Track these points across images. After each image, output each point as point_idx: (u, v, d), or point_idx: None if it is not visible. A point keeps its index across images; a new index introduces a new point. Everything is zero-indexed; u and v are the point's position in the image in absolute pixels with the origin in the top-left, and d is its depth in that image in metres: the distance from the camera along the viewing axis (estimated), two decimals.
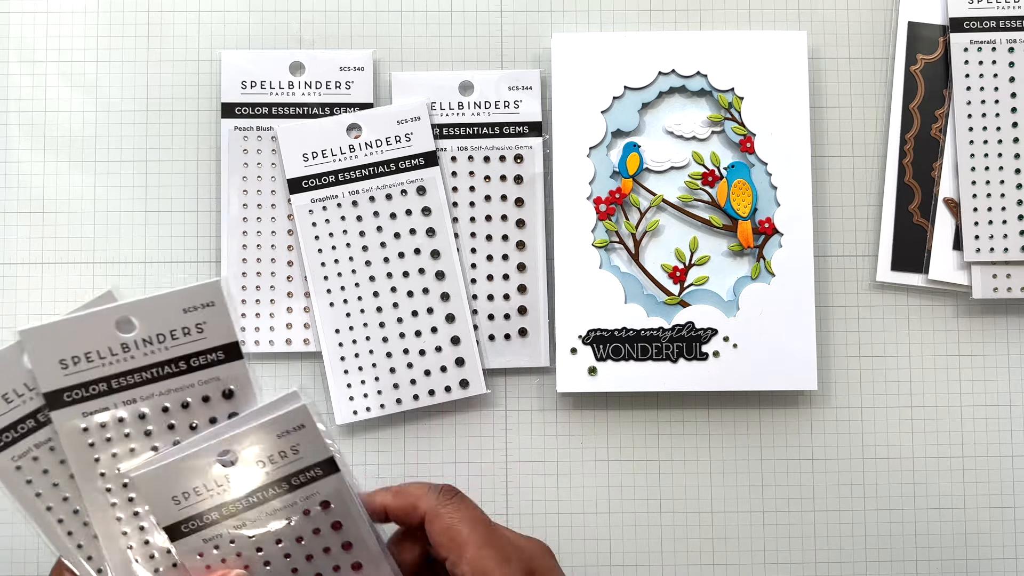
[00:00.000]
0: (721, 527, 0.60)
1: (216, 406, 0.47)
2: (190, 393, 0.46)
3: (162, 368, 0.46)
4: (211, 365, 0.46)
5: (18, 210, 0.61)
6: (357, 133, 0.59)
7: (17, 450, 0.46)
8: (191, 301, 0.45)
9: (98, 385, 0.45)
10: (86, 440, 0.46)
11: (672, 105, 0.61)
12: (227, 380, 0.47)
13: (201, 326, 0.45)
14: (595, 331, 0.59)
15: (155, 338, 0.45)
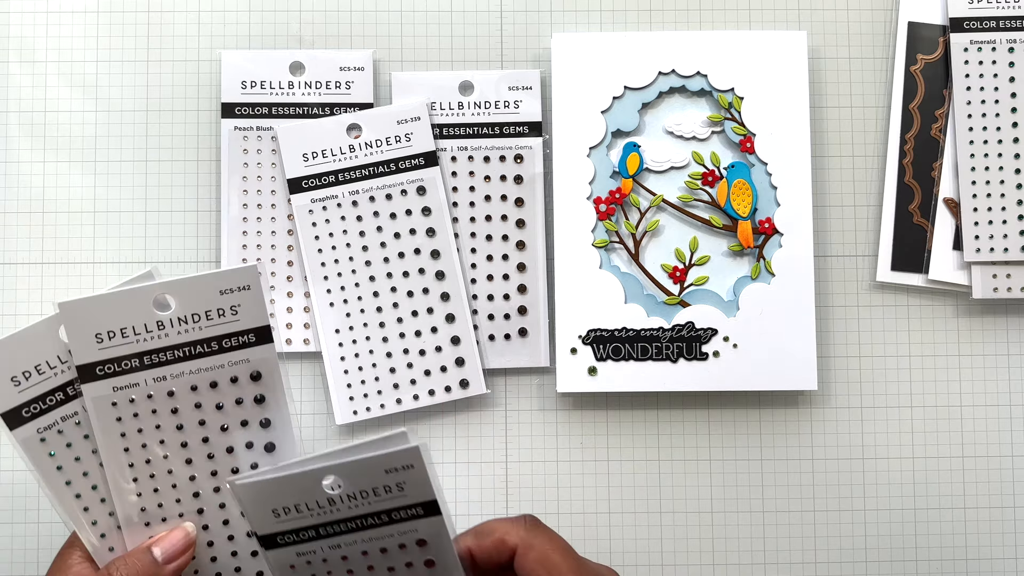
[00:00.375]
0: (721, 527, 0.60)
1: (244, 388, 0.48)
2: (219, 374, 0.47)
3: (194, 347, 0.47)
4: (242, 347, 0.47)
5: (18, 210, 0.61)
6: (357, 133, 0.59)
7: (43, 422, 0.47)
8: (228, 283, 0.46)
9: (130, 361, 0.46)
10: (114, 415, 0.47)
11: (672, 105, 0.61)
12: (256, 363, 0.48)
13: (235, 308, 0.47)
14: (595, 331, 0.59)
15: (190, 318, 0.46)
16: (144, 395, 0.47)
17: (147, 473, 0.48)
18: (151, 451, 0.48)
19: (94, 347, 0.46)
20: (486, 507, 0.60)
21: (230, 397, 0.48)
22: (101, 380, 0.46)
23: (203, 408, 0.48)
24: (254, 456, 0.49)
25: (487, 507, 0.60)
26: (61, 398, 0.47)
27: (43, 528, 0.59)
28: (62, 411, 0.47)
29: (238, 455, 0.49)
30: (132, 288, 0.46)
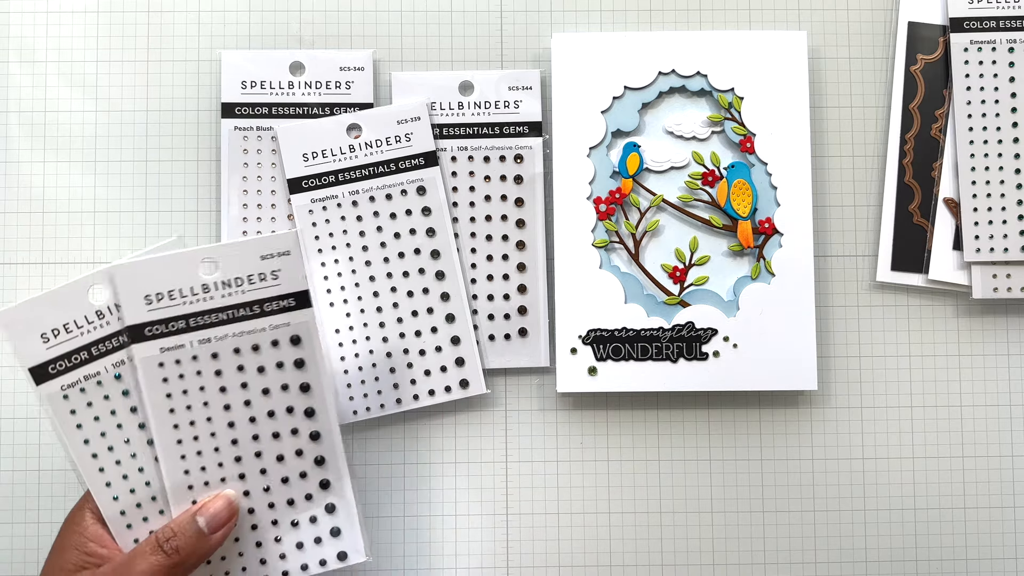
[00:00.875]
0: (721, 527, 0.60)
1: (284, 351, 0.49)
2: (261, 337, 0.49)
3: (237, 311, 0.49)
4: (283, 311, 0.49)
5: (18, 210, 0.61)
6: (357, 133, 0.59)
7: (67, 379, 0.49)
8: (269, 249, 0.48)
9: (177, 322, 0.48)
10: (161, 375, 0.48)
11: (672, 105, 0.61)
12: (296, 327, 0.49)
13: (276, 273, 0.49)
14: (595, 331, 0.59)
15: (233, 282, 0.48)
16: (189, 356, 0.49)
17: (191, 435, 0.49)
18: (196, 413, 0.49)
19: (144, 308, 0.48)
20: (486, 507, 0.60)
21: (271, 360, 0.49)
22: (150, 341, 0.48)
23: (245, 371, 0.49)
24: (294, 422, 0.50)
25: (487, 507, 0.60)
26: (85, 357, 0.49)
27: (43, 528, 0.59)
28: (85, 370, 0.49)
29: (279, 419, 0.50)
30: (180, 252, 0.48)
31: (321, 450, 0.51)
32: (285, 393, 0.50)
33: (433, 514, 0.60)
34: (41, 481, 0.59)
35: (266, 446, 0.50)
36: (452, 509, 0.60)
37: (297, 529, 0.51)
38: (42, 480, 0.59)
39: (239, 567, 0.51)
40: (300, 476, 0.51)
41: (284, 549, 0.51)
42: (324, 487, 0.51)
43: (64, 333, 0.49)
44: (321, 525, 0.51)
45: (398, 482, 0.60)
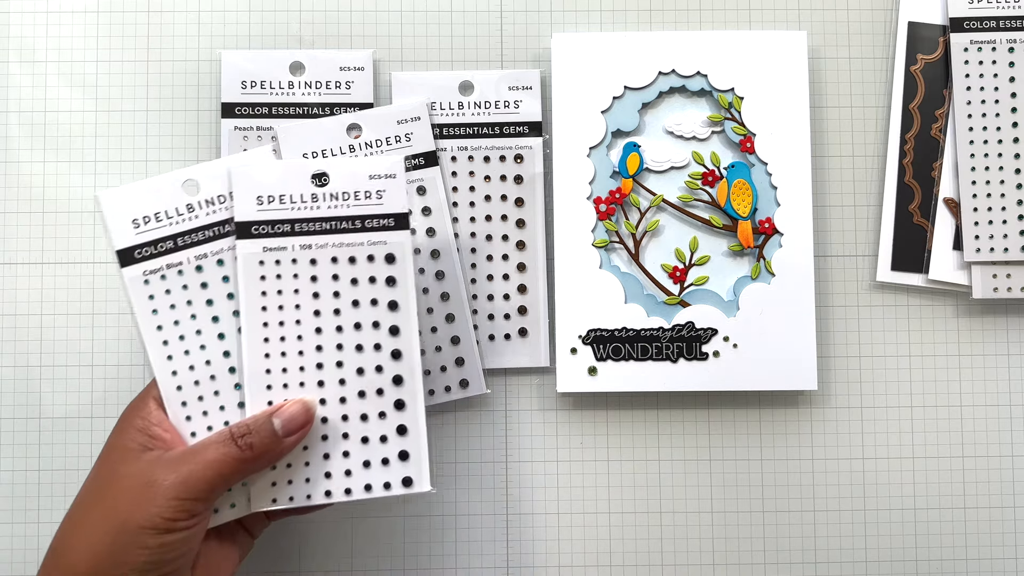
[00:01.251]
0: (721, 527, 0.60)
1: (378, 267, 0.51)
2: (359, 251, 0.51)
3: (340, 223, 0.51)
4: (382, 229, 0.51)
5: (18, 210, 0.61)
6: (357, 133, 0.59)
7: (150, 265, 0.51)
8: (377, 170, 0.51)
9: (283, 225, 0.51)
10: (259, 273, 0.51)
11: (672, 105, 0.61)
12: (392, 246, 0.51)
13: (380, 193, 0.51)
14: (595, 331, 0.58)
15: (341, 195, 0.51)
16: (289, 259, 0.51)
17: (278, 335, 0.51)
18: (286, 314, 0.51)
19: (254, 208, 0.50)
20: (486, 507, 0.60)
21: (365, 274, 0.51)
22: (255, 239, 0.50)
23: (339, 281, 0.51)
24: (378, 337, 0.51)
25: (487, 507, 0.60)
26: (171, 247, 0.51)
27: (43, 528, 0.59)
28: (168, 259, 0.51)
29: (364, 332, 0.51)
30: (295, 162, 0.52)
31: (401, 370, 0.51)
32: (374, 308, 0.51)
33: (433, 514, 0.60)
34: (41, 481, 0.59)
35: (348, 357, 0.51)
36: (452, 509, 0.60)
37: (367, 446, 0.51)
38: (42, 480, 0.59)
39: (303, 476, 0.50)
40: (377, 392, 0.51)
41: (350, 465, 0.51)
42: (399, 407, 0.51)
43: (154, 221, 0.51)
44: (391, 446, 0.51)
45: None
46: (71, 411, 0.60)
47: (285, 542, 0.60)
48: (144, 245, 0.51)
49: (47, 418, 0.60)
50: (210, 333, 0.51)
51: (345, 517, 0.60)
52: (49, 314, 0.60)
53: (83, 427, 0.60)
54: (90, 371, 0.60)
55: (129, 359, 0.60)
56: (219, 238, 0.52)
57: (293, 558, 0.60)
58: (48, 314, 0.60)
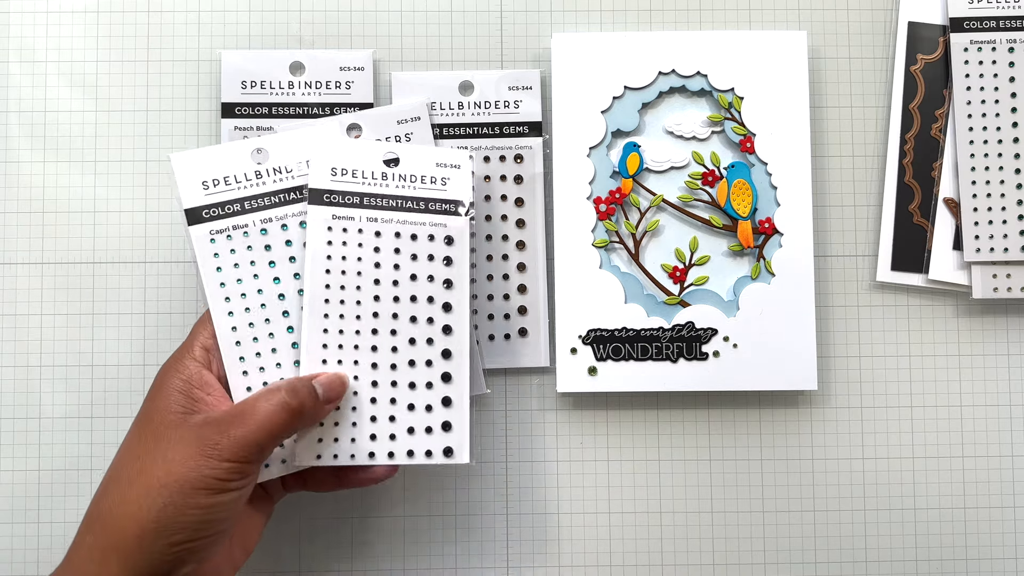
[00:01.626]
0: (721, 527, 0.60)
1: (438, 247, 0.54)
2: (421, 229, 0.54)
3: (406, 202, 0.54)
4: (444, 213, 0.54)
5: (18, 210, 0.60)
6: (357, 133, 0.59)
7: (216, 226, 0.53)
8: (445, 159, 0.55)
9: (353, 197, 0.53)
10: (327, 238, 0.53)
11: (672, 105, 0.60)
12: (452, 229, 0.54)
13: (446, 180, 0.54)
14: (595, 331, 0.58)
15: (409, 177, 0.54)
16: (356, 228, 0.53)
17: (339, 299, 0.53)
18: (348, 279, 0.53)
19: (328, 177, 0.53)
20: (486, 507, 0.60)
21: (425, 252, 0.54)
22: (326, 206, 0.53)
23: (400, 254, 0.53)
24: (432, 311, 0.53)
25: (487, 507, 0.60)
26: (237, 209, 0.53)
27: (43, 528, 0.59)
28: (235, 220, 0.53)
29: (420, 305, 0.53)
30: (370, 141, 0.56)
31: (450, 344, 0.53)
32: (430, 283, 0.53)
33: (433, 514, 0.60)
34: (41, 481, 0.59)
35: (403, 327, 0.53)
36: (452, 509, 0.60)
37: (412, 413, 0.53)
38: (42, 480, 0.59)
39: (349, 436, 0.52)
40: (426, 364, 0.53)
41: (396, 430, 0.53)
42: (446, 380, 0.53)
43: (223, 184, 0.53)
44: (435, 415, 0.53)
45: (397, 482, 0.60)
46: (71, 411, 0.59)
47: (286, 542, 0.60)
48: (212, 206, 0.53)
49: (47, 418, 0.59)
50: (271, 293, 0.53)
51: (345, 517, 0.60)
52: (49, 314, 0.60)
53: (83, 427, 0.59)
54: (90, 371, 0.60)
55: (129, 359, 0.60)
56: (284, 204, 0.54)
57: (293, 558, 0.59)
58: (48, 314, 0.60)
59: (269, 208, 0.54)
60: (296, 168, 0.54)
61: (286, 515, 0.60)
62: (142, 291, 0.60)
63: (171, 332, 0.60)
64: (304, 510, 0.60)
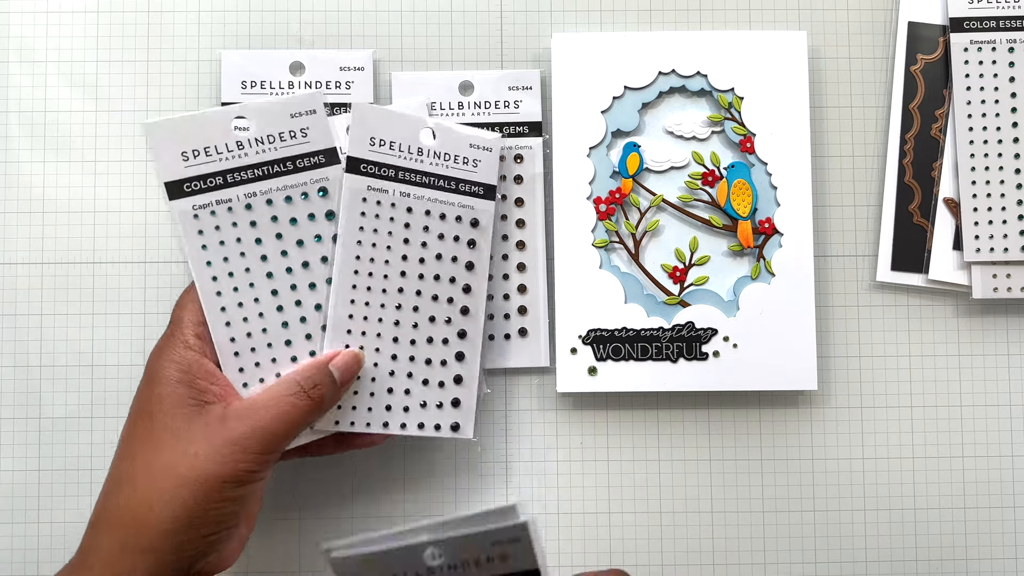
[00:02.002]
0: (721, 527, 0.59)
1: (464, 228, 0.54)
2: (448, 209, 0.54)
3: (437, 180, 0.54)
4: (472, 195, 0.54)
5: (18, 210, 0.60)
6: None
7: (199, 200, 0.51)
8: (478, 141, 0.54)
9: (388, 170, 0.53)
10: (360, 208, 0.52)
11: (672, 105, 0.60)
12: (478, 212, 0.54)
13: (476, 162, 0.54)
14: (595, 331, 0.58)
15: (443, 155, 0.54)
16: (389, 202, 0.53)
17: (367, 271, 0.53)
18: (378, 251, 0.53)
19: (367, 147, 0.53)
20: (486, 507, 0.59)
21: (451, 232, 0.54)
22: (362, 176, 0.53)
23: (429, 232, 0.54)
24: (453, 291, 0.54)
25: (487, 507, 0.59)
26: (220, 183, 0.51)
27: (43, 528, 0.58)
28: (218, 195, 0.51)
29: (442, 284, 0.54)
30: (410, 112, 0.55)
31: (467, 325, 0.55)
32: (454, 264, 0.54)
33: (433, 514, 0.59)
34: (41, 481, 0.59)
35: (424, 304, 0.54)
36: (452, 509, 0.59)
37: (426, 388, 0.54)
38: (42, 480, 0.59)
39: (366, 405, 0.54)
40: (443, 342, 0.54)
41: (410, 403, 0.54)
42: (459, 359, 0.55)
43: (204, 156, 0.51)
44: (447, 392, 0.55)
45: (397, 483, 0.59)
46: (71, 411, 0.59)
47: (284, 542, 0.59)
48: (194, 179, 0.51)
49: (47, 418, 0.59)
50: (259, 273, 0.52)
51: (345, 517, 0.59)
52: (49, 314, 0.59)
53: (83, 427, 0.59)
54: (90, 371, 0.59)
55: (129, 359, 0.59)
56: (268, 177, 0.52)
57: (293, 558, 0.59)
58: (48, 314, 0.59)
59: (253, 181, 0.52)
60: (279, 139, 0.52)
61: (286, 515, 0.59)
62: (142, 291, 0.60)
63: None
64: (304, 510, 0.59)
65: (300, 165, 0.53)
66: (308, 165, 0.53)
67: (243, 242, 0.52)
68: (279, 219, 0.52)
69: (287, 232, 0.53)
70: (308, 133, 0.53)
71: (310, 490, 0.59)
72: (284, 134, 0.53)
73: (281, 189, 0.52)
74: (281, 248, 0.53)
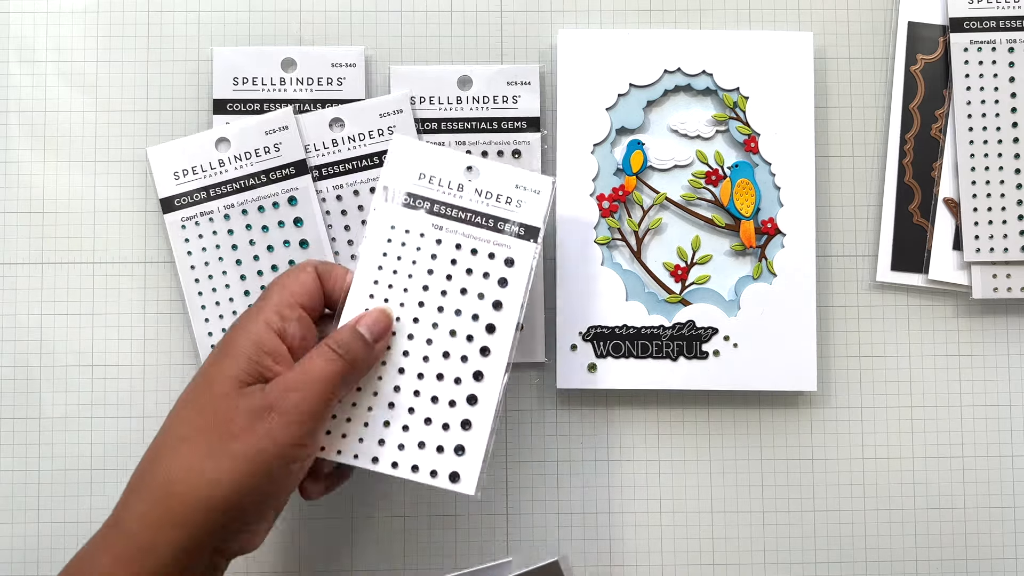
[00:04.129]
0: (721, 527, 0.55)
1: (496, 266, 0.48)
2: (483, 247, 0.48)
3: (475, 216, 0.49)
4: (512, 235, 0.48)
5: (18, 210, 0.56)
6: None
7: (187, 213, 0.54)
8: (524, 182, 0.49)
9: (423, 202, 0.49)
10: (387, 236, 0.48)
11: (677, 103, 0.56)
12: (515, 251, 0.48)
13: (520, 203, 0.49)
14: (596, 328, 0.54)
15: (485, 193, 0.49)
16: (418, 232, 0.49)
17: (383, 296, 0.48)
18: (399, 278, 0.48)
19: (413, 181, 0.48)
20: (486, 507, 0.55)
21: (481, 268, 0.48)
22: (396, 206, 0.49)
23: (457, 265, 0.48)
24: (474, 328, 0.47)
25: (487, 507, 0.55)
26: (204, 197, 0.54)
27: (43, 528, 0.55)
28: (202, 208, 0.54)
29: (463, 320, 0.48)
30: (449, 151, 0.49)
31: (484, 366, 0.47)
32: (480, 301, 0.48)
33: (433, 514, 0.55)
34: (41, 481, 0.55)
35: (439, 337, 0.47)
36: (452, 509, 0.55)
37: (428, 427, 0.47)
38: (42, 480, 0.55)
39: (357, 436, 0.47)
40: (454, 381, 0.47)
41: (406, 440, 0.47)
42: (471, 402, 0.47)
43: (192, 174, 0.54)
44: (450, 436, 0.47)
45: (397, 482, 0.55)
46: (71, 411, 0.55)
47: (285, 543, 0.55)
48: (182, 195, 0.53)
49: (47, 418, 0.55)
50: (234, 276, 0.54)
51: (345, 517, 0.55)
52: (49, 314, 0.55)
53: (83, 427, 0.55)
54: (90, 371, 0.55)
55: (129, 359, 0.55)
56: (245, 190, 0.54)
57: (293, 559, 0.55)
58: (48, 314, 0.55)
59: (231, 195, 0.54)
60: (255, 155, 0.53)
61: (285, 515, 0.55)
62: (142, 291, 0.56)
63: (171, 332, 0.55)
64: (303, 510, 0.55)
65: (273, 177, 0.54)
66: (280, 177, 0.54)
67: (221, 248, 0.54)
68: (252, 227, 0.54)
69: (259, 239, 0.54)
70: (280, 148, 0.54)
71: None
72: (260, 150, 0.54)
73: (255, 200, 0.54)
74: (254, 253, 0.54)
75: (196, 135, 0.54)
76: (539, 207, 0.48)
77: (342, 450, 0.46)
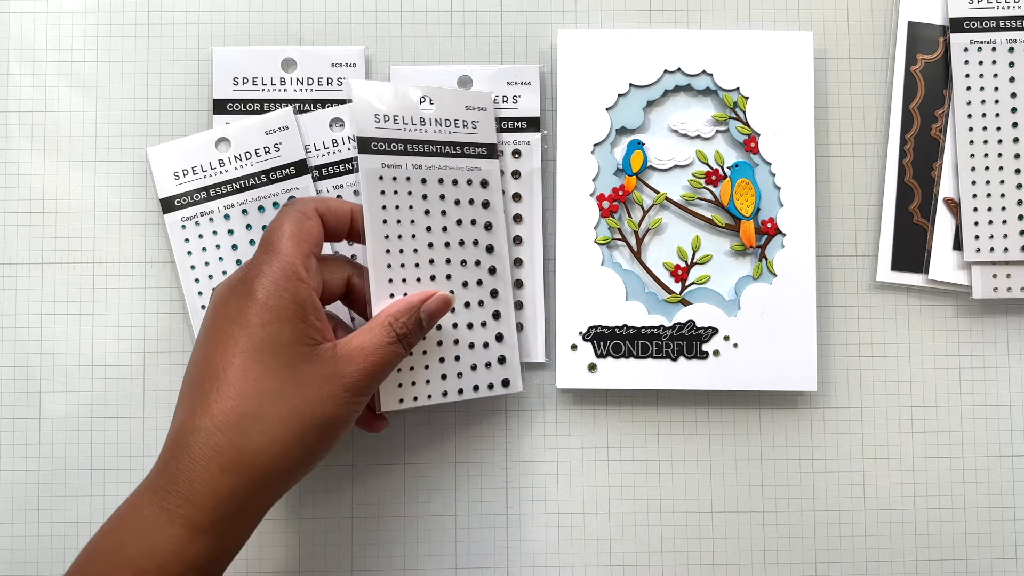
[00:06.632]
0: (721, 527, 0.54)
1: (474, 191, 0.51)
2: (460, 175, 0.51)
3: (444, 147, 0.51)
4: (476, 157, 0.51)
5: (18, 210, 0.55)
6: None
7: (186, 213, 0.53)
8: (472, 102, 0.51)
9: (397, 144, 0.49)
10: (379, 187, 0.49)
11: (677, 103, 0.54)
12: (485, 172, 0.51)
13: (475, 123, 0.51)
14: (596, 328, 0.52)
15: (444, 121, 0.51)
16: (404, 176, 0.49)
17: (398, 247, 0.49)
18: (403, 227, 0.49)
19: (372, 125, 0.49)
20: (486, 507, 0.54)
21: (465, 196, 0.51)
22: (374, 155, 0.49)
23: (445, 200, 0.50)
24: (478, 253, 0.51)
25: (487, 507, 0.54)
26: (204, 197, 0.53)
27: (43, 528, 0.53)
28: (202, 207, 0.53)
29: (467, 249, 0.51)
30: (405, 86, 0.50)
31: (497, 284, 0.51)
32: (473, 227, 0.51)
33: (433, 514, 0.54)
34: (41, 481, 0.54)
35: (455, 271, 0.50)
36: (452, 509, 0.54)
37: (473, 351, 0.51)
38: (42, 480, 0.54)
39: (424, 379, 0.50)
40: (478, 304, 0.51)
41: (462, 368, 0.51)
42: (496, 317, 0.51)
43: (192, 174, 0.53)
44: (491, 351, 0.51)
45: (397, 482, 0.54)
46: (71, 411, 0.54)
47: (285, 542, 0.54)
48: (182, 195, 0.53)
49: (47, 418, 0.54)
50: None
51: (345, 517, 0.54)
52: (49, 314, 0.54)
53: (83, 427, 0.54)
54: (90, 371, 0.54)
55: (129, 359, 0.54)
56: (245, 190, 0.53)
57: (293, 558, 0.54)
58: (48, 314, 0.54)
59: (231, 195, 0.53)
60: (255, 155, 0.52)
61: (285, 515, 0.54)
62: (142, 291, 0.54)
63: (171, 332, 0.54)
64: (303, 510, 0.54)
65: (273, 177, 0.53)
66: (280, 177, 0.53)
67: (221, 248, 0.53)
68: (252, 227, 0.53)
69: (259, 239, 0.51)
70: (280, 148, 0.53)
71: (311, 488, 0.54)
72: (260, 150, 0.53)
73: (255, 200, 0.53)
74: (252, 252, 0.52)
75: (196, 135, 0.53)
76: (489, 123, 0.51)
77: (417, 396, 0.50)
